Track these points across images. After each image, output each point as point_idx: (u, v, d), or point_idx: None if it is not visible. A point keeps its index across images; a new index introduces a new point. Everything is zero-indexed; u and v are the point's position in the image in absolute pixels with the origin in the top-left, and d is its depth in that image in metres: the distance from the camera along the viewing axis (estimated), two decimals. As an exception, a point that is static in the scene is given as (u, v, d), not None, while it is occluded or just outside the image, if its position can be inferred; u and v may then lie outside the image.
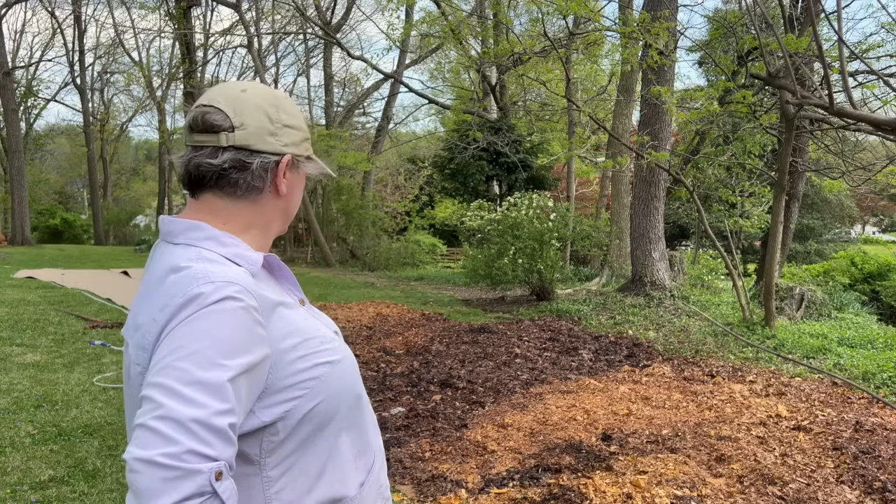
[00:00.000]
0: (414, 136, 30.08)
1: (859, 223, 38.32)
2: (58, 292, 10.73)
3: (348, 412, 1.19)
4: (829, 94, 4.50)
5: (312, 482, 1.13)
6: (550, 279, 10.69)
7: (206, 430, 0.94)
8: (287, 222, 1.28)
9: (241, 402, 1.00)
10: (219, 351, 0.98)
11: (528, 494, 3.31)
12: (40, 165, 38.93)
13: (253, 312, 1.04)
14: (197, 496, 0.91)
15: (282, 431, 1.09)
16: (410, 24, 17.97)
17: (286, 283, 1.23)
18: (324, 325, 1.25)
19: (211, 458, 0.93)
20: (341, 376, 1.17)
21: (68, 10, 30.80)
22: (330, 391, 1.14)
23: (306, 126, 1.25)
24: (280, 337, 1.09)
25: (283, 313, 1.12)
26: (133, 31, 29.94)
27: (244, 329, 1.02)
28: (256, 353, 1.03)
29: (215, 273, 1.06)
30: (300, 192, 1.28)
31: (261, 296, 1.08)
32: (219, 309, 1.01)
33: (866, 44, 10.10)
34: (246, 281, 1.07)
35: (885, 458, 3.65)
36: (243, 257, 1.13)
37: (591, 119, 11.20)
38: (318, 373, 1.12)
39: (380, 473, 1.28)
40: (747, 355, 6.65)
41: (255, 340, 1.03)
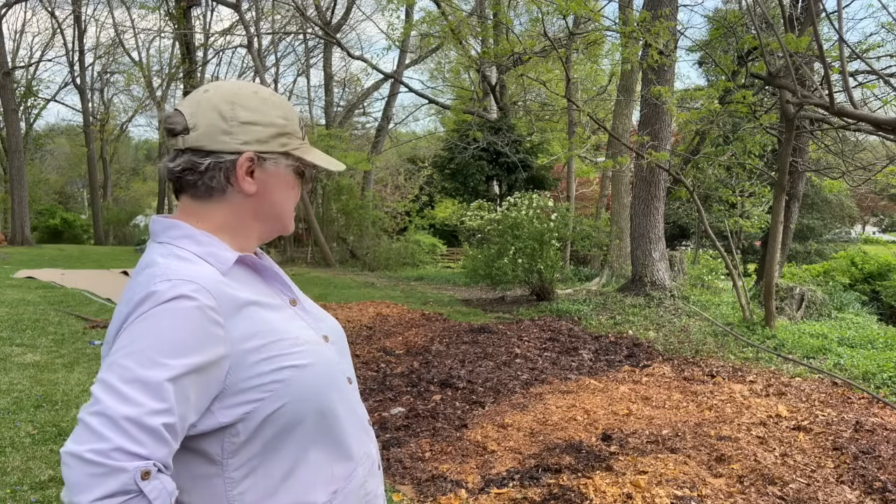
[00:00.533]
0: (414, 136, 30.08)
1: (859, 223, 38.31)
2: (58, 292, 10.73)
3: (319, 418, 1.14)
4: (829, 94, 4.50)
5: (277, 485, 1.11)
6: (550, 279, 10.69)
7: (138, 428, 0.94)
8: (273, 222, 1.23)
9: (187, 402, 1.00)
10: (162, 350, 0.99)
11: (528, 494, 3.31)
12: (40, 165, 38.93)
13: (208, 312, 1.04)
14: (121, 494, 0.91)
15: (242, 433, 1.08)
16: (410, 24, 17.97)
17: (275, 283, 1.23)
18: (310, 327, 1.22)
19: (140, 456, 0.93)
20: (309, 381, 1.12)
21: (68, 10, 30.80)
22: (295, 395, 1.10)
23: (284, 119, 1.19)
24: (243, 337, 1.08)
25: (255, 313, 1.11)
26: (133, 31, 29.94)
27: (194, 328, 1.02)
28: (208, 352, 1.02)
29: (176, 271, 1.06)
30: (283, 191, 1.21)
31: (226, 295, 1.08)
32: (169, 308, 1.01)
33: (866, 44, 10.11)
34: (207, 280, 1.07)
35: (885, 458, 3.65)
36: (215, 256, 1.13)
37: (591, 119, 11.20)
38: (283, 376, 1.09)
39: (366, 481, 1.23)
40: (747, 355, 6.64)
41: (206, 340, 1.03)
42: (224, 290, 1.08)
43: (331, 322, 1.32)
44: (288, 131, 1.18)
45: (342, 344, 1.31)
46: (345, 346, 1.32)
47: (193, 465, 1.08)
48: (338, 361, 1.23)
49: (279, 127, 1.17)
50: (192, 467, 1.08)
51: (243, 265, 1.18)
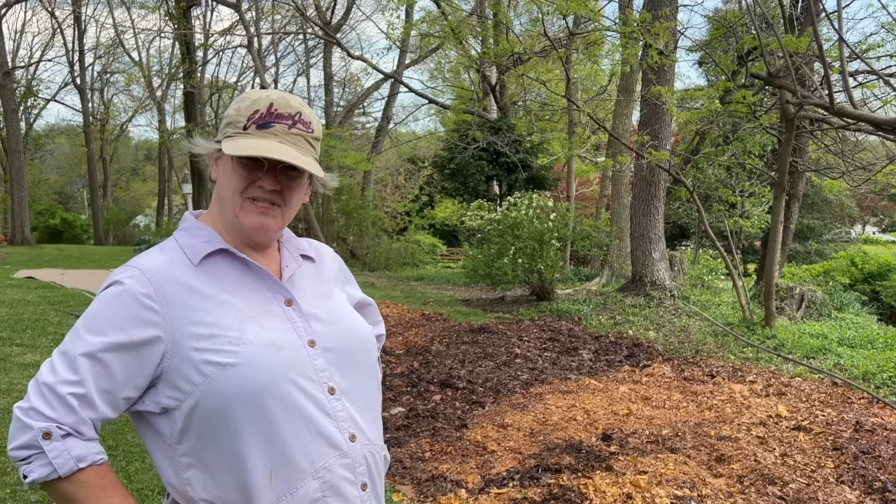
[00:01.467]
0: (414, 136, 30.08)
1: (859, 223, 38.28)
2: (58, 292, 10.73)
3: (250, 422, 1.13)
4: (829, 94, 4.50)
5: (216, 481, 1.16)
6: (550, 279, 10.69)
7: (52, 394, 1.10)
8: (221, 209, 1.25)
9: (109, 377, 1.12)
10: (87, 328, 1.13)
11: (528, 494, 3.31)
12: (40, 165, 38.88)
13: (140, 298, 1.14)
14: (30, 447, 1.09)
15: (179, 421, 1.15)
16: (410, 23, 17.97)
17: (267, 279, 1.26)
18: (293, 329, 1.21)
19: (48, 418, 1.09)
20: (233, 381, 1.13)
21: (68, 10, 30.77)
22: (215, 393, 1.13)
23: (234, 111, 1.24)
24: (184, 323, 1.15)
25: (206, 304, 1.18)
26: (133, 31, 29.92)
27: (117, 309, 1.14)
28: (132, 333, 1.13)
29: (137, 259, 1.21)
30: (223, 176, 1.25)
31: (177, 284, 1.17)
32: (104, 293, 1.16)
33: (866, 44, 10.10)
34: (155, 269, 1.18)
35: (885, 458, 3.65)
36: (192, 248, 1.23)
37: (591, 119, 11.20)
38: (207, 370, 1.14)
39: (326, 498, 1.17)
40: (747, 355, 6.64)
41: (130, 321, 1.13)
42: (176, 280, 1.18)
43: (342, 330, 1.29)
44: (231, 121, 1.24)
45: (346, 352, 1.27)
46: (350, 355, 1.28)
47: (158, 443, 1.19)
48: (309, 367, 1.20)
49: (228, 118, 1.25)
50: (158, 445, 1.19)
51: (231, 258, 1.24)
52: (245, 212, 1.22)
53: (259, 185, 1.22)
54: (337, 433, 1.21)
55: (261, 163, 1.21)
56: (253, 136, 1.21)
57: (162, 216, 38.92)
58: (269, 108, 1.22)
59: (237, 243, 1.26)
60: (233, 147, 1.20)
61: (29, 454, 1.08)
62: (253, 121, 1.22)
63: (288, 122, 1.23)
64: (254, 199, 1.22)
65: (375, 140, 23.79)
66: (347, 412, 1.23)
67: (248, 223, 1.22)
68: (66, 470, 1.08)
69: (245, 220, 1.22)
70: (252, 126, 1.21)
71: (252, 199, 1.22)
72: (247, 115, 1.22)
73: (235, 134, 1.22)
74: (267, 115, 1.22)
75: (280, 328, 1.21)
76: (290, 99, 1.26)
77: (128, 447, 4.11)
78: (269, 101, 1.23)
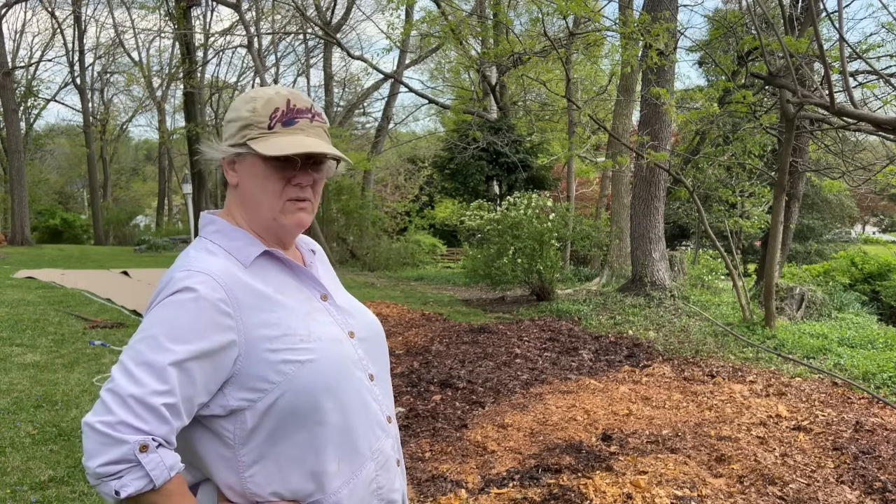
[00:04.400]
0: (414, 136, 30.07)
1: (859, 223, 38.29)
2: (58, 292, 10.73)
3: (322, 412, 1.19)
4: (829, 94, 4.50)
5: (283, 474, 1.19)
6: (550, 279, 10.69)
7: (141, 406, 1.06)
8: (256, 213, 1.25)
9: (192, 385, 1.11)
10: (169, 336, 1.10)
11: (528, 494, 3.31)
12: (40, 165, 38.90)
13: (217, 303, 1.13)
14: (122, 462, 1.04)
15: (250, 420, 1.16)
16: (410, 24, 17.95)
17: (305, 278, 1.29)
18: (336, 322, 1.27)
19: (142, 431, 1.06)
20: (310, 376, 1.17)
21: (68, 11, 30.79)
22: (296, 388, 1.16)
23: (250, 111, 1.22)
24: (256, 326, 1.16)
25: (271, 305, 1.19)
26: (133, 31, 29.96)
27: (197, 317, 1.11)
28: (213, 339, 1.12)
29: (195, 263, 1.17)
30: (253, 181, 1.23)
31: (243, 287, 1.17)
32: (177, 299, 1.12)
33: (866, 43, 10.10)
34: (222, 273, 1.17)
35: (885, 458, 3.65)
36: (239, 250, 1.23)
37: (591, 119, 11.20)
38: (286, 369, 1.16)
39: (377, 476, 1.28)
40: (747, 355, 6.64)
41: (211, 328, 1.12)
42: (241, 282, 1.17)
43: (365, 319, 1.37)
44: (250, 122, 1.21)
45: (374, 341, 1.35)
46: (377, 343, 1.37)
47: (215, 445, 1.18)
48: (357, 358, 1.27)
49: (244, 119, 1.22)
50: (214, 447, 1.18)
51: (273, 259, 1.26)
52: (286, 213, 1.24)
53: (296, 183, 1.23)
54: (381, 416, 1.30)
55: (293, 161, 1.21)
56: (283, 135, 1.21)
57: (162, 216, 38.95)
58: (289, 104, 1.22)
59: (268, 243, 1.27)
60: (270, 147, 1.18)
61: (120, 469, 1.05)
62: (276, 119, 1.21)
63: (308, 116, 1.24)
64: (291, 199, 1.23)
65: (375, 140, 23.79)
66: (383, 396, 1.32)
67: (290, 223, 1.24)
68: (161, 480, 1.07)
69: (286, 221, 1.24)
70: (277, 124, 1.21)
71: (291, 200, 1.23)
72: (267, 115, 1.21)
73: (262, 135, 1.20)
74: (288, 111, 1.22)
75: (328, 323, 1.26)
76: (300, 94, 1.26)
77: (128, 447, 4.11)
78: (285, 97, 1.23)
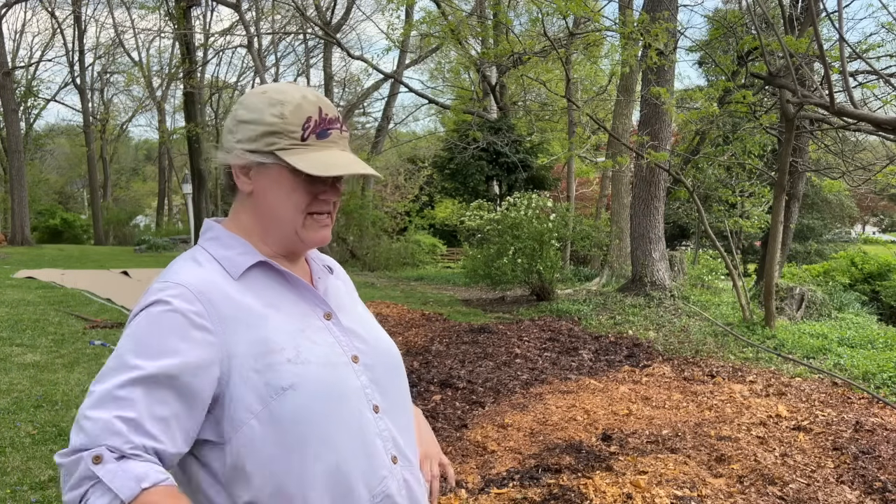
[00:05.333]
0: (414, 136, 30.09)
1: (859, 223, 38.30)
2: (58, 292, 10.73)
3: (308, 449, 1.08)
4: (829, 94, 4.50)
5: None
6: (550, 279, 10.69)
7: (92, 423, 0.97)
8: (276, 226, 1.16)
9: (165, 404, 1.01)
10: (134, 352, 1.02)
11: (528, 494, 3.31)
12: (40, 165, 38.91)
13: (191, 316, 1.04)
14: (79, 484, 0.95)
15: (229, 455, 1.06)
16: (410, 24, 17.95)
17: (306, 292, 1.19)
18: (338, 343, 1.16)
19: (95, 445, 0.96)
20: (293, 406, 1.06)
21: (68, 10, 30.80)
22: (277, 419, 1.06)
23: (277, 117, 1.11)
24: (238, 342, 1.07)
25: (258, 320, 1.09)
26: (133, 31, 29.95)
27: (169, 330, 1.03)
28: (187, 354, 1.03)
29: (176, 274, 1.10)
30: (276, 193, 1.13)
31: (226, 300, 1.08)
32: (148, 312, 1.05)
33: (866, 44, 10.10)
34: (201, 284, 1.08)
35: (885, 458, 3.65)
36: (230, 260, 1.14)
37: (591, 119, 11.21)
38: (268, 395, 1.06)
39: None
40: (747, 355, 6.64)
41: (184, 342, 1.03)
42: (224, 294, 1.09)
43: (377, 343, 1.24)
44: (277, 130, 1.11)
45: (385, 368, 1.22)
46: (389, 370, 1.23)
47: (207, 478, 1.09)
48: (357, 386, 1.14)
49: (268, 125, 1.11)
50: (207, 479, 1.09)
51: (269, 271, 1.16)
52: (307, 228, 1.15)
53: (323, 198, 1.15)
54: (386, 455, 1.15)
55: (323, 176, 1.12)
56: (318, 149, 1.12)
57: (162, 216, 38.96)
58: (321, 113, 1.13)
59: (273, 254, 1.17)
60: (312, 164, 1.09)
61: (84, 491, 0.94)
62: (310, 130, 1.12)
63: (338, 126, 1.15)
64: (315, 213, 1.15)
65: (375, 140, 23.80)
66: (390, 432, 1.17)
67: (313, 239, 1.16)
68: (128, 493, 0.93)
69: (308, 237, 1.16)
70: (311, 136, 1.12)
71: (312, 214, 1.15)
72: (299, 124, 1.11)
73: (294, 146, 1.11)
74: (321, 121, 1.13)
75: (327, 343, 1.14)
76: (326, 99, 1.17)
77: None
78: (315, 104, 1.13)
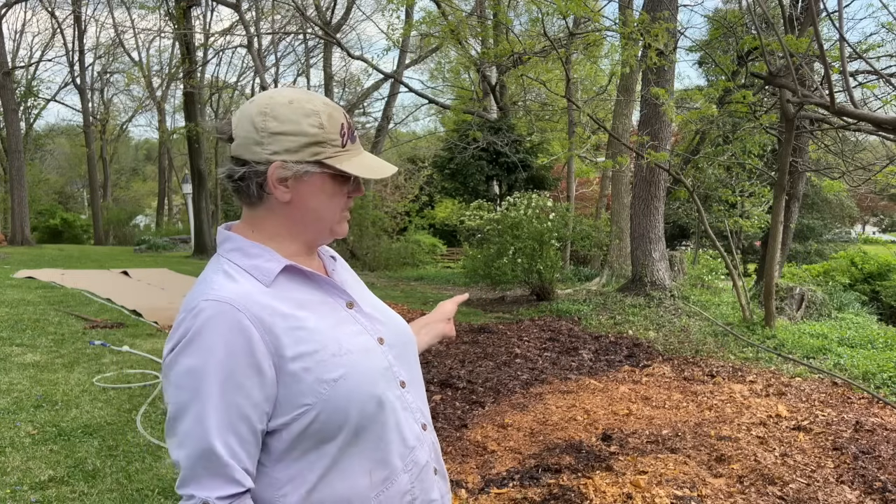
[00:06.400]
0: (414, 136, 30.08)
1: (859, 223, 38.29)
2: (58, 292, 10.73)
3: (357, 429, 1.17)
4: (829, 94, 4.50)
5: (315, 493, 1.16)
6: (550, 279, 10.68)
7: (210, 472, 1.09)
8: (316, 228, 1.24)
9: (243, 413, 1.10)
10: (202, 399, 1.08)
11: (528, 494, 3.30)
12: (40, 165, 38.91)
13: (244, 329, 1.09)
14: None
15: (286, 439, 1.14)
16: (410, 24, 17.94)
17: (328, 287, 1.25)
18: (364, 330, 1.24)
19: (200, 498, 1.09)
20: (344, 393, 1.14)
21: (68, 10, 30.79)
22: (331, 409, 1.14)
23: (317, 128, 1.17)
24: (285, 346, 1.12)
25: (297, 322, 1.15)
26: (133, 31, 29.92)
27: (227, 357, 1.08)
28: (249, 367, 1.10)
29: (218, 289, 1.13)
30: (319, 198, 1.20)
31: (268, 307, 1.13)
32: (198, 343, 1.09)
33: (866, 44, 10.10)
34: (245, 297, 1.13)
35: (885, 458, 3.65)
36: (259, 269, 1.18)
37: (591, 119, 11.20)
38: (321, 389, 1.13)
39: (412, 487, 1.25)
40: (747, 355, 6.64)
41: (242, 363, 1.09)
42: (264, 304, 1.13)
43: (394, 323, 1.34)
44: (321, 139, 1.17)
45: (403, 346, 1.32)
46: (407, 347, 1.34)
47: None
48: (387, 366, 1.24)
49: (310, 136, 1.16)
50: None
51: (295, 273, 1.21)
52: (340, 224, 1.26)
53: (353, 196, 1.26)
54: (415, 425, 1.27)
55: (349, 176, 1.23)
56: (356, 153, 1.22)
57: (162, 216, 38.96)
58: (346, 118, 1.22)
59: (292, 253, 1.23)
60: (360, 168, 1.21)
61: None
62: (346, 136, 1.20)
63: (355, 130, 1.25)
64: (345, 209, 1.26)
65: (375, 140, 23.79)
66: (416, 403, 1.30)
67: (341, 232, 1.26)
68: None
69: (339, 231, 1.26)
70: (348, 142, 1.21)
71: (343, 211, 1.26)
72: (336, 132, 1.19)
73: (339, 153, 1.19)
74: (349, 127, 1.22)
75: (356, 332, 1.23)
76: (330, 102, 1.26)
77: (128, 447, 4.11)
78: (339, 110, 1.21)
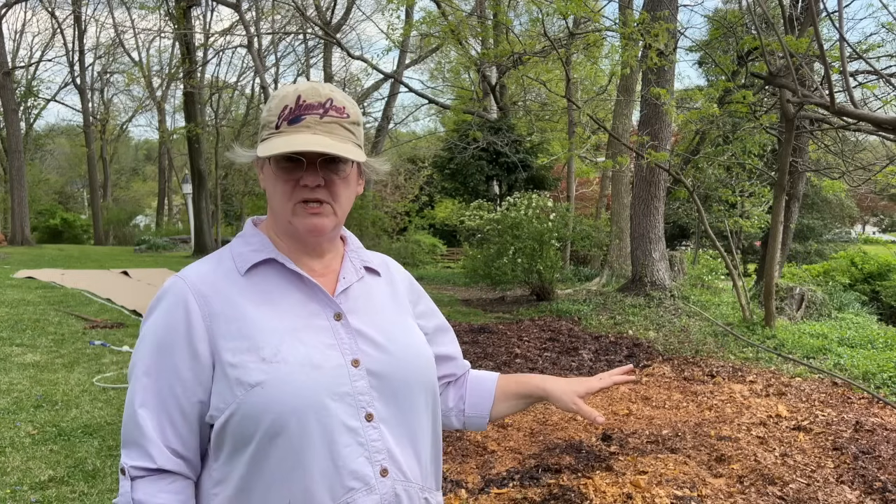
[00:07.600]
0: (414, 136, 30.08)
1: (859, 223, 38.28)
2: (58, 292, 10.73)
3: (268, 446, 1.07)
4: (829, 94, 4.50)
5: (234, 497, 1.11)
6: (550, 279, 10.69)
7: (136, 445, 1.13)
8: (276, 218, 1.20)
9: (173, 397, 1.12)
10: (142, 365, 1.14)
11: (528, 494, 3.30)
12: (40, 165, 38.91)
13: (188, 305, 1.13)
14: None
15: (213, 435, 1.13)
16: (410, 24, 17.94)
17: (316, 291, 1.18)
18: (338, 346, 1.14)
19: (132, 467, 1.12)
20: (258, 403, 1.07)
21: (68, 10, 30.81)
22: (244, 414, 1.07)
23: (267, 111, 1.17)
24: (222, 336, 1.12)
25: (244, 317, 1.13)
26: (133, 31, 29.92)
27: (167, 322, 1.13)
28: (186, 347, 1.12)
29: (187, 268, 1.20)
30: (269, 183, 1.18)
31: (222, 294, 1.15)
32: (155, 304, 1.17)
33: (866, 44, 10.09)
34: (202, 278, 1.17)
35: (885, 458, 3.65)
36: (241, 256, 1.20)
37: (591, 119, 11.21)
38: (238, 391, 1.09)
39: None
40: (747, 355, 6.64)
41: (183, 336, 1.12)
42: (218, 290, 1.15)
43: (398, 355, 1.19)
44: (263, 123, 1.18)
45: (397, 377, 1.17)
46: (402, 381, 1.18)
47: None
48: (344, 392, 1.11)
49: (262, 121, 1.19)
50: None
51: (279, 268, 1.19)
52: (298, 216, 1.16)
53: (303, 184, 1.14)
54: (366, 465, 1.11)
55: (300, 161, 1.13)
56: (286, 134, 1.13)
57: (162, 216, 38.95)
58: (298, 100, 1.15)
59: (292, 249, 1.20)
60: (265, 149, 1.13)
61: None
62: (283, 118, 1.14)
63: (319, 112, 1.15)
64: (303, 201, 1.15)
65: (375, 140, 23.79)
66: (384, 443, 1.13)
67: (302, 227, 1.16)
68: None
69: (299, 225, 1.16)
70: (283, 123, 1.14)
71: (302, 203, 1.15)
72: (277, 114, 1.15)
73: (269, 136, 1.15)
74: (296, 108, 1.14)
75: (321, 344, 1.13)
76: (318, 87, 1.17)
77: (128, 447, 4.11)
78: (296, 93, 1.15)
